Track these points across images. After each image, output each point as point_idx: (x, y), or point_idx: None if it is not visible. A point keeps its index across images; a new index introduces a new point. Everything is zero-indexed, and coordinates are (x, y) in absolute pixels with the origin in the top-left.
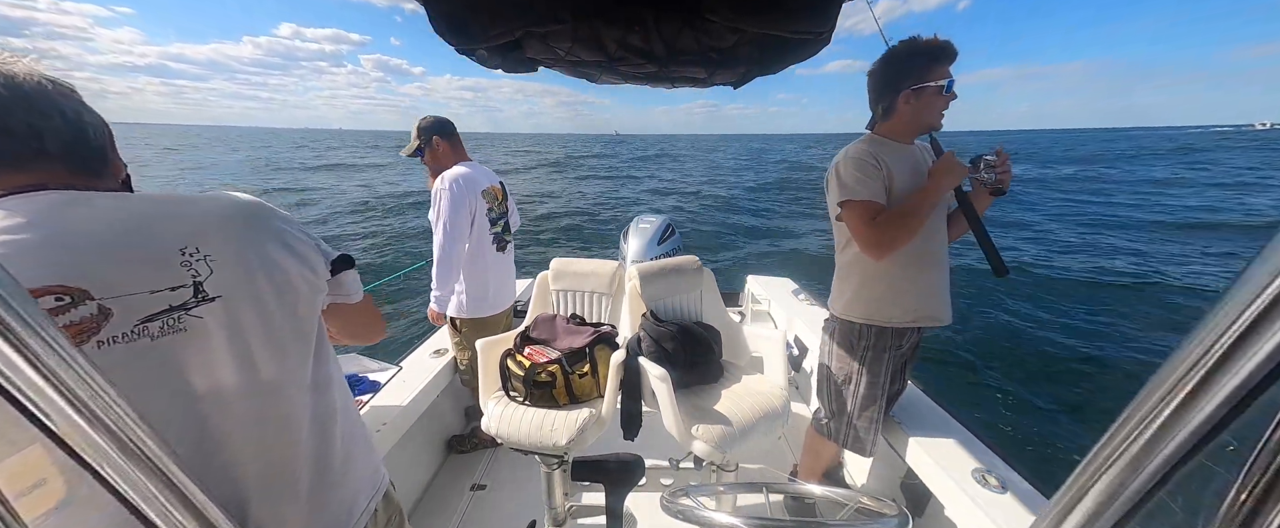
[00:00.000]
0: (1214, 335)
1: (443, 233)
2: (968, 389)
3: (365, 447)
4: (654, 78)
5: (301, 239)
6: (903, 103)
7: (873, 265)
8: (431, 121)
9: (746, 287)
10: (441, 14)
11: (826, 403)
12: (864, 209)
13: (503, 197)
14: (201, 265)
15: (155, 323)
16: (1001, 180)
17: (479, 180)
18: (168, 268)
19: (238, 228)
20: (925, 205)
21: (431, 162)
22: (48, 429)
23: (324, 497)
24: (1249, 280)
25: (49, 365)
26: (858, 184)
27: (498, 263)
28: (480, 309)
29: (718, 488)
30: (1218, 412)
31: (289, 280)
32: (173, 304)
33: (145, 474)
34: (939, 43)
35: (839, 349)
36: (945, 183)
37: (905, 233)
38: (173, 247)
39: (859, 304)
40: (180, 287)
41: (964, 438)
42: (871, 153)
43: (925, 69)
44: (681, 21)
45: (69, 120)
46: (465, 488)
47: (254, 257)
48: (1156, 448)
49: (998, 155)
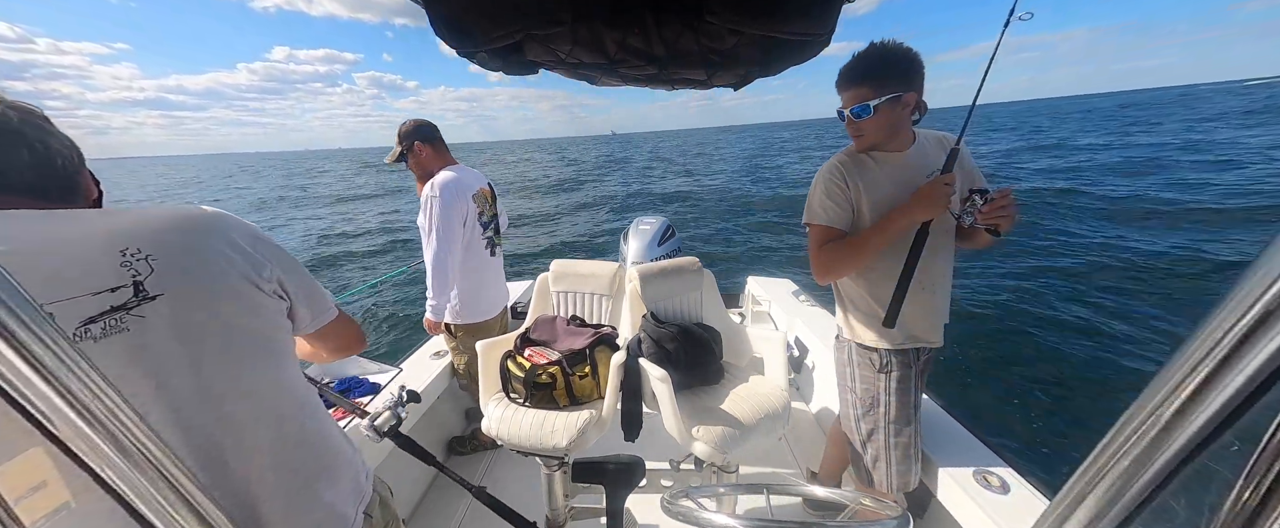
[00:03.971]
0: (1216, 336)
1: (436, 240)
2: (968, 390)
3: (346, 457)
4: (654, 80)
5: (257, 246)
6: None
7: (859, 282)
8: (412, 126)
9: (747, 288)
10: (442, 17)
11: (857, 436)
12: (819, 233)
13: (492, 199)
14: (142, 264)
15: (97, 324)
16: (997, 223)
17: (469, 184)
18: (107, 269)
19: (184, 230)
20: (881, 237)
21: (416, 167)
22: (48, 432)
23: (295, 508)
24: (1250, 281)
25: (49, 367)
26: (820, 207)
27: (490, 267)
28: (475, 314)
29: (718, 489)
30: (1220, 413)
31: (243, 285)
32: (114, 305)
33: (145, 476)
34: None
35: (860, 374)
36: (916, 215)
37: (849, 264)
38: (113, 248)
39: (864, 323)
40: (120, 287)
41: (965, 439)
42: (843, 171)
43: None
44: (682, 23)
45: (36, 153)
46: (466, 490)
47: (201, 258)
48: (1159, 449)
49: (993, 199)
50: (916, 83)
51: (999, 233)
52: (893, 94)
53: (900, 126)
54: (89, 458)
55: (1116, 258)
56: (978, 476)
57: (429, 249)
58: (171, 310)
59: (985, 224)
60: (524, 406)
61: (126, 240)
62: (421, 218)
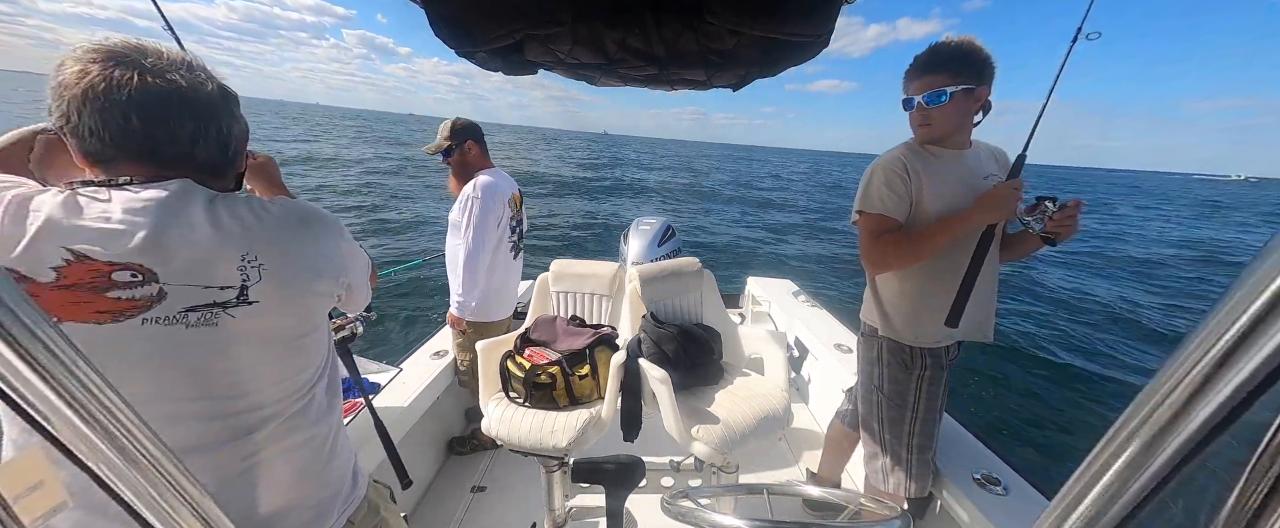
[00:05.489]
0: (1216, 335)
1: (472, 239)
2: (968, 390)
3: (342, 459)
4: (654, 80)
5: (344, 251)
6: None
7: (913, 279)
8: (465, 124)
9: (747, 288)
10: (442, 16)
11: (878, 437)
12: (875, 223)
13: (520, 204)
14: (254, 272)
15: (196, 313)
16: (1057, 233)
17: (505, 189)
18: (228, 269)
19: (300, 236)
20: (945, 236)
21: (458, 163)
22: (47, 432)
23: (306, 493)
24: (1250, 280)
25: (48, 368)
26: (877, 197)
27: (512, 269)
28: (490, 313)
29: (718, 489)
30: (1220, 412)
31: (322, 291)
32: (216, 301)
33: (145, 476)
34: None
35: (890, 374)
36: (984, 218)
37: (908, 259)
38: (238, 251)
39: (905, 321)
40: (229, 287)
41: (965, 440)
42: (904, 163)
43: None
44: (682, 24)
45: (222, 135)
46: (466, 490)
47: (301, 266)
48: (1158, 449)
49: (1066, 206)
50: (989, 80)
51: (1056, 242)
52: (967, 85)
53: (966, 122)
54: (88, 458)
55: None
56: (978, 476)
57: (463, 246)
58: (260, 315)
59: (1050, 232)
60: (524, 406)
61: (250, 244)
62: (456, 213)
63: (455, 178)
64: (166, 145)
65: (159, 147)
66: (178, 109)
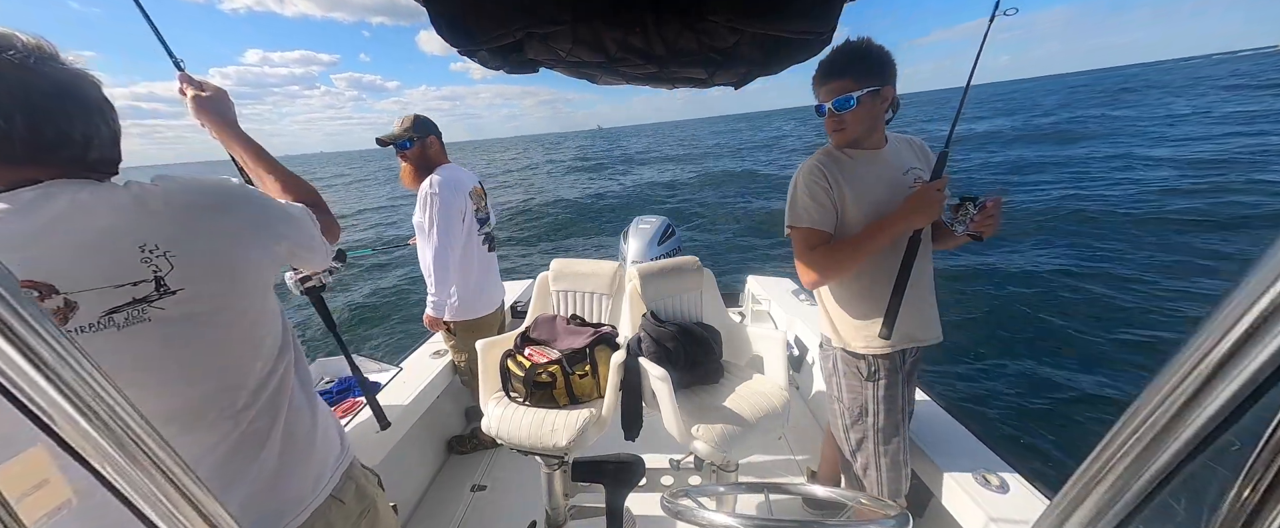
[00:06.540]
0: (1216, 337)
1: (438, 236)
2: (968, 390)
3: (322, 436)
4: (654, 79)
5: (268, 216)
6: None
7: (850, 287)
8: (426, 119)
9: (747, 287)
10: (443, 15)
11: (846, 445)
12: (805, 236)
13: (484, 196)
14: (162, 261)
15: (120, 314)
16: (981, 230)
17: (465, 182)
18: (130, 264)
19: (206, 214)
20: (873, 243)
21: (418, 156)
22: (48, 428)
23: (284, 476)
24: (1251, 282)
25: (49, 364)
26: (804, 210)
27: (488, 263)
28: (474, 310)
29: (718, 488)
30: (1220, 412)
31: (256, 259)
32: (136, 297)
33: (145, 473)
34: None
35: (847, 383)
36: (910, 223)
37: (842, 270)
38: (133, 243)
39: (852, 330)
40: (142, 281)
41: (965, 439)
42: (824, 171)
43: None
44: (682, 23)
45: (110, 130)
46: (465, 489)
47: (213, 243)
48: (1159, 448)
49: (985, 207)
50: (892, 78)
51: (982, 238)
52: (873, 87)
53: (878, 121)
54: (90, 456)
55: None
56: (977, 476)
57: (429, 246)
58: (194, 299)
59: (974, 233)
60: (524, 405)
61: (147, 235)
62: (418, 214)
63: (414, 172)
64: (57, 144)
65: (47, 146)
66: (62, 102)
